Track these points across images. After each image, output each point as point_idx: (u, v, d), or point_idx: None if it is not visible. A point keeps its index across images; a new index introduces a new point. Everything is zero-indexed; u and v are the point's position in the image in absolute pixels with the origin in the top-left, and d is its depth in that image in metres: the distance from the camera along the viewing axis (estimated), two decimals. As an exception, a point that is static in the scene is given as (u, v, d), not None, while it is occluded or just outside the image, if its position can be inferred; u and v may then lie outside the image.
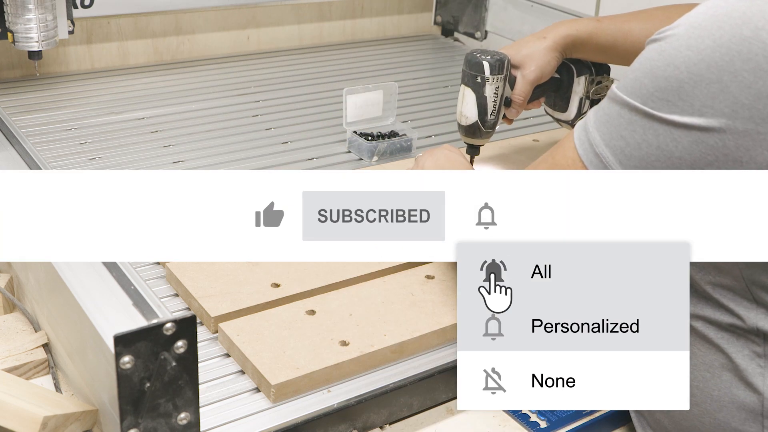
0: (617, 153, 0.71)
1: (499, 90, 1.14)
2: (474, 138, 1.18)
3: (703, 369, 0.77)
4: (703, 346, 0.77)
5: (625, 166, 0.71)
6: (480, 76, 1.13)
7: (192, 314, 0.67)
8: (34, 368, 0.91)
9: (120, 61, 1.66)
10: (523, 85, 1.16)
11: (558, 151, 0.78)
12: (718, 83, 0.64)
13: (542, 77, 1.16)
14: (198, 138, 1.39)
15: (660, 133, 0.68)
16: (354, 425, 0.84)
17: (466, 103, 1.16)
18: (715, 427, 0.77)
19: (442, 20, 2.01)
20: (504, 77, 1.14)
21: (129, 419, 0.67)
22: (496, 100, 1.15)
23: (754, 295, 0.72)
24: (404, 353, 0.90)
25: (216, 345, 0.90)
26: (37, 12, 1.33)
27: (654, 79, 0.68)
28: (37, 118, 1.41)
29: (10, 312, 1.00)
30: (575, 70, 1.21)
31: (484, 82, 1.13)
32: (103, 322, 0.73)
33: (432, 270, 1.02)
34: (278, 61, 1.78)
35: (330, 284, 0.97)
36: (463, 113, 1.16)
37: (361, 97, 1.36)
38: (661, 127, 0.68)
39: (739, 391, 0.75)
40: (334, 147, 1.39)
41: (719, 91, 0.64)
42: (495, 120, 1.16)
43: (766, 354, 0.73)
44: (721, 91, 0.64)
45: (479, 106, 1.15)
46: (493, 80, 1.13)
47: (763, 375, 0.73)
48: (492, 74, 1.13)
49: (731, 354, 0.75)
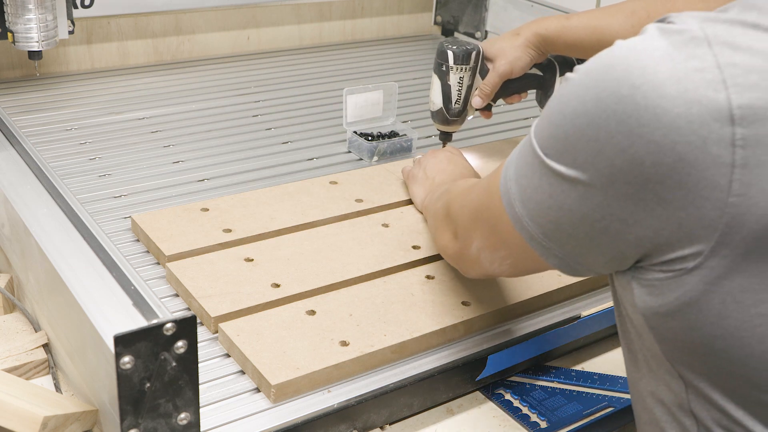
0: (521, 192, 0.68)
1: (463, 80, 1.19)
2: (442, 125, 1.25)
3: None
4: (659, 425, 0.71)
5: (526, 206, 0.68)
6: (445, 65, 1.19)
7: (192, 314, 0.67)
8: (34, 368, 0.91)
9: (120, 61, 1.66)
10: (491, 77, 1.19)
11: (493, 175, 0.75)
12: (596, 142, 0.60)
13: (513, 72, 1.19)
14: (198, 138, 1.39)
15: (552, 182, 0.64)
16: (354, 425, 0.84)
17: (433, 90, 1.22)
18: None
19: (442, 20, 2.01)
20: (471, 68, 1.18)
21: (129, 419, 0.67)
22: (460, 89, 1.20)
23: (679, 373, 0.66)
24: (404, 353, 0.90)
25: (216, 345, 0.90)
26: (37, 12, 1.33)
27: (549, 125, 0.64)
28: (37, 118, 1.41)
29: (10, 312, 1.00)
30: (558, 67, 1.23)
31: (448, 70, 1.19)
32: (103, 322, 0.73)
33: (432, 270, 1.02)
34: (278, 61, 1.78)
35: (330, 284, 0.98)
36: (431, 99, 1.23)
37: (361, 97, 1.36)
38: (552, 177, 0.64)
39: None
40: (334, 147, 1.39)
41: (597, 151, 0.60)
42: (460, 109, 1.22)
43: None
44: (599, 152, 0.60)
45: (443, 93, 1.20)
46: (457, 69, 1.18)
47: None
48: (456, 64, 1.18)
49: None
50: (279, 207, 1.13)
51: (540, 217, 0.66)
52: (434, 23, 2.03)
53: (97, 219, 1.01)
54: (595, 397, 0.93)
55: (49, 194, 0.98)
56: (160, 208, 1.14)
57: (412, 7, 2.01)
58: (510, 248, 0.74)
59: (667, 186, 0.58)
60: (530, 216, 0.67)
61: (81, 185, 1.20)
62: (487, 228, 0.76)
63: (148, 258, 1.04)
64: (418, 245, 1.06)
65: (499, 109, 1.39)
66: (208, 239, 1.04)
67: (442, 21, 2.01)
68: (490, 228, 0.75)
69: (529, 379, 0.95)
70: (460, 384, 0.91)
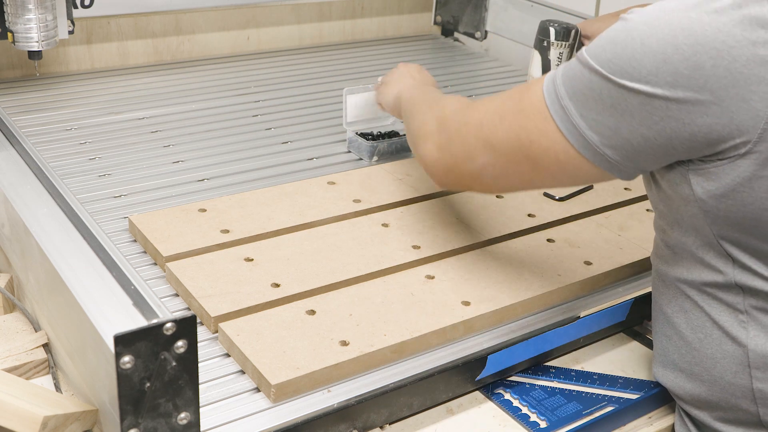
0: (578, 107, 0.79)
1: (563, 56, 1.27)
2: None
3: (697, 331, 0.85)
4: (696, 311, 0.85)
5: (584, 118, 0.79)
6: (546, 41, 1.27)
7: (192, 314, 0.67)
8: (34, 368, 0.91)
9: (120, 61, 1.66)
10: None
11: (525, 96, 0.84)
12: (662, 54, 0.73)
13: None
14: (198, 138, 1.39)
15: (613, 95, 0.76)
16: (354, 425, 0.84)
17: (534, 65, 1.30)
18: (713, 383, 0.84)
19: (442, 20, 2.01)
20: (570, 45, 1.27)
21: (129, 419, 0.67)
22: (559, 64, 1.27)
23: (726, 251, 0.80)
24: (404, 353, 0.90)
25: (216, 345, 0.90)
26: (37, 12, 1.33)
27: (613, 47, 0.76)
28: (37, 118, 1.41)
29: (10, 312, 1.00)
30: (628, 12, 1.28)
31: (549, 46, 1.27)
32: (103, 322, 0.73)
33: (432, 270, 1.02)
34: (278, 61, 1.78)
35: (330, 284, 0.98)
36: (530, 73, 1.31)
37: (361, 97, 1.36)
38: (614, 89, 0.76)
39: (728, 346, 0.82)
40: (334, 147, 1.39)
41: (663, 62, 0.73)
42: None
43: (746, 309, 0.81)
44: (665, 62, 0.73)
45: (543, 67, 1.29)
46: (558, 45, 1.27)
47: (746, 329, 0.81)
48: (557, 40, 1.26)
49: (716, 314, 0.83)
50: (277, 207, 1.13)
51: (599, 125, 0.78)
52: (434, 23, 2.03)
53: (96, 219, 1.01)
54: (595, 397, 0.93)
55: (49, 194, 0.98)
56: (160, 208, 1.14)
57: (412, 7, 2.01)
58: (540, 163, 0.83)
59: (723, 85, 0.71)
60: (588, 126, 0.78)
61: (81, 185, 1.20)
62: (510, 145, 0.85)
63: (147, 258, 1.04)
64: (418, 245, 1.06)
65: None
66: (205, 240, 1.04)
67: (442, 21, 2.01)
68: (519, 145, 0.84)
69: (528, 379, 0.95)
70: (459, 384, 0.91)
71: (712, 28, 0.71)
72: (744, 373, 0.81)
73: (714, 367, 0.84)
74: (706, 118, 0.73)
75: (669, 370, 0.89)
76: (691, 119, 0.73)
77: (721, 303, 0.82)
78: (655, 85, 0.73)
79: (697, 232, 0.82)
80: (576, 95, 0.79)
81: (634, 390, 0.94)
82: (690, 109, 0.73)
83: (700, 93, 0.72)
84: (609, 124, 0.77)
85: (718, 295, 0.82)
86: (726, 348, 0.82)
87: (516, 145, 0.84)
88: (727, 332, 0.82)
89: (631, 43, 0.75)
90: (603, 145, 0.78)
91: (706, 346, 0.84)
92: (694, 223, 0.81)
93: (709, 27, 0.71)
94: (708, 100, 0.72)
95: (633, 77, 0.74)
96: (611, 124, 0.77)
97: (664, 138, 0.75)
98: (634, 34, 0.75)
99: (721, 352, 0.83)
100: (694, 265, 0.84)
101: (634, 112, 0.75)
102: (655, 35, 0.74)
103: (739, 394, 0.82)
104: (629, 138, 0.77)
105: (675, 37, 0.72)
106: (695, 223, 0.81)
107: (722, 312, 0.82)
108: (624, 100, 0.75)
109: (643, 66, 0.74)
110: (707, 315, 0.83)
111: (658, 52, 0.73)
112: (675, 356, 0.88)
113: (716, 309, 0.83)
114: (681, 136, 0.74)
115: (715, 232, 0.80)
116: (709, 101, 0.72)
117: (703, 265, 0.83)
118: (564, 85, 0.80)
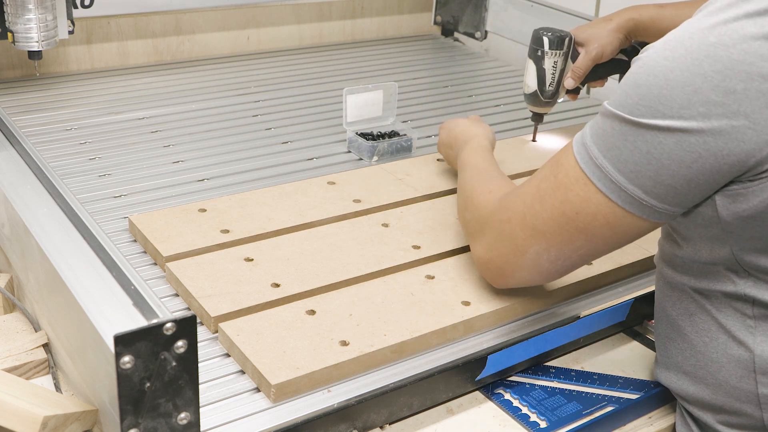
0: (614, 162, 0.77)
1: (558, 64, 1.27)
2: (535, 106, 1.32)
3: (703, 334, 0.84)
4: (702, 314, 0.84)
5: (622, 173, 0.76)
6: (540, 50, 1.26)
7: (192, 314, 0.67)
8: (34, 368, 0.91)
9: (120, 61, 1.67)
10: (584, 60, 1.27)
11: (559, 171, 0.82)
12: (691, 86, 0.71)
13: (603, 55, 1.27)
14: (198, 138, 1.39)
15: (647, 140, 0.74)
16: (354, 425, 0.84)
17: (528, 74, 1.29)
18: (717, 386, 0.84)
19: (442, 20, 2.01)
20: (564, 53, 1.26)
21: (129, 419, 0.67)
22: (554, 72, 1.27)
23: (743, 266, 0.79)
24: (404, 353, 0.90)
25: (216, 345, 0.90)
26: (37, 12, 1.33)
27: (637, 89, 0.74)
28: (37, 118, 1.41)
29: (10, 312, 1.00)
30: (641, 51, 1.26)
31: (543, 55, 1.26)
32: (103, 322, 0.73)
33: (432, 270, 1.02)
34: (278, 61, 1.78)
35: (330, 284, 0.98)
36: (525, 83, 1.30)
37: (361, 97, 1.36)
38: (647, 133, 0.74)
39: (733, 351, 0.82)
40: (334, 147, 1.39)
41: (693, 93, 0.71)
42: (554, 91, 1.29)
43: (755, 315, 0.80)
44: (695, 93, 0.71)
45: (539, 77, 1.28)
46: (552, 54, 1.26)
47: (753, 334, 0.80)
48: (551, 49, 1.25)
49: (722, 318, 0.82)
50: (277, 207, 1.13)
51: (639, 177, 0.75)
52: (434, 23, 2.03)
53: (96, 219, 1.01)
54: (595, 397, 0.93)
55: (49, 194, 0.98)
56: (160, 208, 1.14)
57: (412, 7, 2.02)
58: (591, 232, 0.81)
59: (758, 107, 0.69)
60: (629, 179, 0.76)
61: (81, 185, 1.20)
62: (557, 224, 0.82)
63: (147, 258, 1.04)
64: (418, 245, 1.06)
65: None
66: (205, 240, 1.04)
67: (441, 21, 2.01)
68: (565, 221, 0.82)
69: (528, 379, 0.95)
70: (459, 384, 0.91)
71: (737, 50, 0.69)
72: (749, 378, 0.81)
73: (719, 371, 0.83)
74: (743, 146, 0.71)
75: (672, 372, 0.89)
76: (729, 150, 0.71)
77: (729, 308, 0.82)
78: (689, 119, 0.71)
79: (713, 248, 0.80)
80: (610, 151, 0.77)
81: (635, 390, 0.94)
82: (726, 140, 0.71)
83: (734, 119, 0.70)
84: (649, 173, 0.75)
85: (726, 301, 0.82)
86: (732, 352, 0.82)
87: (563, 221, 0.82)
88: (733, 337, 0.81)
89: (655, 81, 0.73)
90: (647, 196, 0.76)
91: (711, 349, 0.84)
92: (712, 240, 0.80)
93: (734, 49, 0.70)
94: (743, 125, 0.70)
95: (665, 114, 0.72)
96: (651, 173, 0.75)
97: (705, 176, 0.73)
98: (656, 71, 0.73)
99: (726, 357, 0.82)
100: (704, 275, 0.83)
101: (672, 154, 0.73)
102: (678, 67, 0.71)
103: (743, 399, 0.82)
104: (672, 183, 0.75)
105: (700, 66, 0.70)
106: (713, 240, 0.79)
107: (729, 317, 0.82)
108: (659, 143, 0.73)
109: (674, 101, 0.72)
110: (714, 319, 0.83)
111: (686, 84, 0.71)
112: (678, 359, 0.88)
113: (723, 314, 0.82)
114: (721, 170, 0.72)
115: (735, 250, 0.78)
116: (744, 126, 0.70)
117: (714, 275, 0.82)
118: (595, 144, 0.78)
